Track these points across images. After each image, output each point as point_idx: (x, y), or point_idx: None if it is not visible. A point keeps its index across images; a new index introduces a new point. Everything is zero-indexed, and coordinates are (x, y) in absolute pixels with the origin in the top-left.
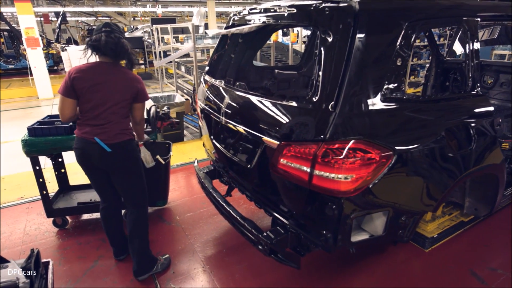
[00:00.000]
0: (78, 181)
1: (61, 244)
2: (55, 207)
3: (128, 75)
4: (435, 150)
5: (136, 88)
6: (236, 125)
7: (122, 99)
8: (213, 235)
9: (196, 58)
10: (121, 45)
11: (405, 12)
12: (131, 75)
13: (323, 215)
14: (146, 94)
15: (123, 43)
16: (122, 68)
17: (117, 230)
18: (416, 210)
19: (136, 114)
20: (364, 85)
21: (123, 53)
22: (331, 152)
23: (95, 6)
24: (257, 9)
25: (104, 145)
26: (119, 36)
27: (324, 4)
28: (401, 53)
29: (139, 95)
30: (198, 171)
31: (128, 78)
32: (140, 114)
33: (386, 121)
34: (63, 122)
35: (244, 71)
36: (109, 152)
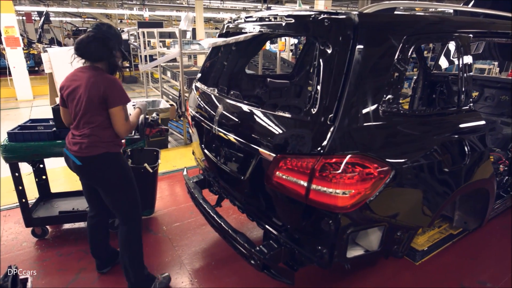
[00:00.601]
0: (61, 188)
1: (40, 255)
2: (34, 216)
3: (96, 77)
4: (432, 165)
5: (102, 90)
6: (229, 135)
7: (91, 107)
8: (202, 246)
9: (182, 64)
10: (94, 45)
11: (403, 25)
12: (98, 77)
13: (319, 230)
14: (118, 97)
15: (97, 43)
16: (94, 71)
17: (102, 242)
18: (412, 225)
19: (113, 122)
20: (364, 98)
21: (98, 54)
22: (329, 167)
23: (80, 7)
24: (253, 17)
25: (73, 157)
26: (94, 35)
27: (323, 16)
28: (399, 66)
29: (108, 98)
30: (188, 181)
31: (94, 81)
32: (117, 122)
33: (384, 135)
34: (46, 127)
35: (237, 79)
36: (80, 165)
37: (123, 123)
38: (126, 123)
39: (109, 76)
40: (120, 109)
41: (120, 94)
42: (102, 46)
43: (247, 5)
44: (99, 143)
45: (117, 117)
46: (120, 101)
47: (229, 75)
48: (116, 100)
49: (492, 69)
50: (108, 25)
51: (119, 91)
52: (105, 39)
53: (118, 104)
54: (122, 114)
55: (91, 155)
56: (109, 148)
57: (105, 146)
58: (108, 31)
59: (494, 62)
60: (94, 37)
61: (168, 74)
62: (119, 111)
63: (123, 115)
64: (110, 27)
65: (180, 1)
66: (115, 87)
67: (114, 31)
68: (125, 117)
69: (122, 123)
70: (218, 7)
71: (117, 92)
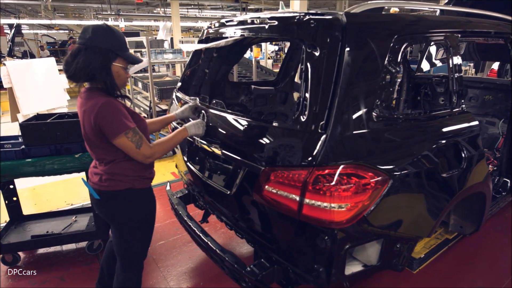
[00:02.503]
0: (34, 209)
1: (11, 285)
2: (4, 242)
3: (85, 105)
4: (431, 171)
5: (93, 122)
6: (213, 147)
7: (94, 143)
8: (189, 266)
9: (151, 74)
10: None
11: (393, 25)
12: (87, 105)
13: (315, 248)
14: (112, 127)
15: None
16: (87, 95)
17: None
18: (411, 236)
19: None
20: (356, 103)
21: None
22: (323, 179)
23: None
24: (234, 21)
25: (92, 190)
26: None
27: (308, 17)
28: (390, 68)
29: (104, 130)
30: (171, 196)
31: (84, 110)
32: (130, 154)
33: (379, 142)
34: (14, 145)
35: (220, 87)
36: (98, 200)
37: (137, 152)
38: (141, 150)
39: (98, 101)
40: (123, 140)
41: (113, 122)
42: (90, 59)
43: (226, 13)
44: (122, 176)
45: (125, 149)
46: (117, 131)
47: (211, 83)
48: (111, 131)
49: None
50: (95, 26)
51: (111, 119)
52: (91, 48)
53: (116, 135)
54: (128, 144)
55: (111, 190)
56: (135, 183)
57: (129, 181)
58: (95, 35)
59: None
60: (79, 50)
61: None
62: (123, 142)
63: (130, 145)
64: (97, 29)
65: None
66: (105, 114)
67: (103, 33)
68: (135, 146)
69: (134, 153)
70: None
71: (109, 120)
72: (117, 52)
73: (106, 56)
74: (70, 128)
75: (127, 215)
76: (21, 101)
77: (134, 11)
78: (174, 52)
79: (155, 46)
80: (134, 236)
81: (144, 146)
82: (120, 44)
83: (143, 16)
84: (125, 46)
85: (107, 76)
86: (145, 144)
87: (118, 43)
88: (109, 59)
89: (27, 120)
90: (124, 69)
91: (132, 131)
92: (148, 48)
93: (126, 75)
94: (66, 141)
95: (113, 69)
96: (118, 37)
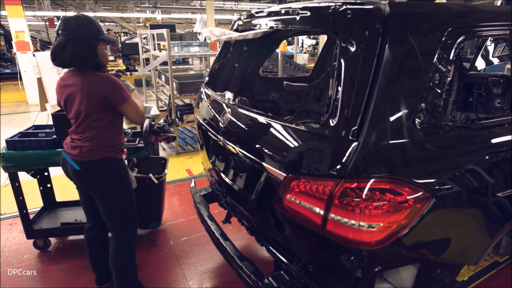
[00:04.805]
0: (70, 196)
1: (40, 269)
2: (36, 228)
3: (91, 80)
4: (482, 190)
5: (102, 92)
6: (235, 147)
7: (91, 110)
8: (210, 266)
9: (171, 67)
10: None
11: (446, 16)
12: (93, 80)
13: (339, 267)
14: (121, 95)
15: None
16: (85, 73)
17: (100, 255)
18: (455, 262)
19: (129, 117)
20: (396, 107)
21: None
22: (352, 192)
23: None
24: (265, 12)
25: (73, 162)
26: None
27: (345, 6)
28: (441, 67)
29: (113, 99)
30: (194, 194)
31: (90, 84)
32: (132, 116)
33: (422, 154)
34: (48, 134)
35: (249, 83)
36: (79, 170)
37: (138, 113)
38: (141, 111)
39: (103, 76)
40: (130, 104)
41: (122, 91)
42: (80, 48)
43: (262, 6)
44: (101, 147)
45: (131, 113)
46: (123, 99)
47: (241, 78)
48: (120, 99)
49: None
50: (75, 18)
51: (119, 89)
52: (78, 38)
53: (123, 101)
54: (134, 107)
55: (91, 160)
56: (111, 153)
57: (107, 151)
58: (78, 26)
59: None
60: (66, 41)
61: (163, 79)
62: (130, 107)
63: (135, 108)
64: (78, 20)
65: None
66: (114, 86)
67: (84, 23)
68: (137, 109)
69: (137, 114)
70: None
71: (118, 90)
72: (98, 37)
73: (91, 42)
74: None
75: (107, 182)
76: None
77: (173, 4)
78: (201, 45)
79: (189, 38)
80: (116, 201)
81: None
82: (99, 29)
83: (180, 9)
84: (101, 30)
85: (96, 58)
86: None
87: (97, 29)
88: (94, 44)
89: (59, 110)
90: (105, 50)
91: (132, 99)
92: (168, 40)
93: (108, 54)
94: None
95: (99, 52)
96: (96, 24)
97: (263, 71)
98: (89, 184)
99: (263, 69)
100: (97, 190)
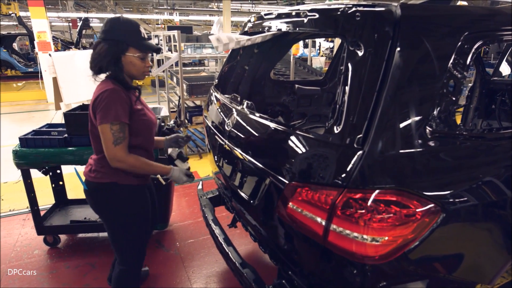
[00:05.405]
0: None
1: (48, 266)
2: (46, 224)
3: (97, 87)
4: (499, 205)
5: (93, 104)
6: (239, 152)
7: (93, 123)
8: (215, 270)
9: (181, 69)
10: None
11: (463, 20)
12: (96, 89)
13: (342, 281)
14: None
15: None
16: (103, 81)
17: None
18: (467, 281)
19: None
20: (404, 114)
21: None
22: (355, 203)
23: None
24: (273, 14)
25: (81, 179)
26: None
27: (355, 8)
28: (456, 73)
29: (96, 112)
30: (201, 197)
31: (94, 91)
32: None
33: (433, 165)
34: (60, 133)
35: (259, 86)
36: (85, 190)
37: (109, 147)
38: (116, 148)
39: (105, 86)
40: (105, 128)
41: (107, 109)
42: (101, 53)
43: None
44: (107, 169)
45: (102, 139)
46: (103, 118)
47: (251, 81)
48: (99, 115)
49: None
50: (112, 19)
51: (105, 105)
52: (105, 42)
53: (101, 122)
54: (108, 135)
55: (96, 182)
56: (118, 178)
57: (113, 175)
58: (110, 28)
59: None
60: (97, 44)
61: (174, 80)
62: (104, 131)
63: (108, 137)
64: (113, 21)
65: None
66: (102, 99)
67: (117, 25)
68: (113, 140)
69: (107, 146)
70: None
71: (102, 105)
72: (127, 42)
73: (117, 47)
74: None
75: (111, 210)
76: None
77: (191, 6)
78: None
79: (205, 40)
80: (120, 231)
81: (122, 147)
82: (132, 34)
83: (199, 11)
84: (138, 35)
85: (115, 67)
86: (124, 145)
87: (129, 34)
88: (121, 50)
89: (72, 110)
90: (140, 59)
91: (120, 126)
92: (178, 42)
93: (143, 64)
94: None
95: (126, 60)
96: (130, 27)
97: (275, 74)
98: (93, 206)
99: (275, 72)
100: (101, 215)
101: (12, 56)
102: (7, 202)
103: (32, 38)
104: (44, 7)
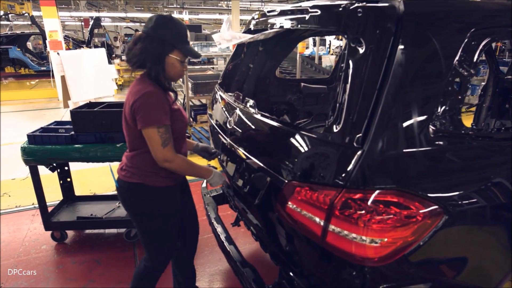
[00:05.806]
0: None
1: (55, 261)
2: (54, 220)
3: (131, 89)
4: (506, 208)
5: (131, 106)
6: (240, 150)
7: (127, 127)
8: (218, 268)
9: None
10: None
11: (469, 16)
12: (133, 90)
13: (341, 282)
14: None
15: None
16: (137, 81)
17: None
18: (471, 285)
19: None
20: (406, 113)
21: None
22: (354, 204)
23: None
24: (276, 11)
25: (113, 176)
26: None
27: (357, 4)
28: (461, 70)
29: (137, 116)
30: (204, 195)
31: (128, 95)
32: (151, 147)
33: (436, 165)
34: (67, 130)
35: (264, 84)
36: (117, 187)
37: (158, 149)
38: (165, 150)
39: (142, 88)
40: (152, 131)
41: (150, 112)
42: (145, 49)
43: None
44: (135, 169)
45: (149, 141)
46: (147, 122)
47: (255, 79)
48: (142, 119)
49: None
50: (158, 16)
51: (149, 108)
52: (148, 38)
53: (146, 125)
54: (156, 137)
55: (126, 181)
56: (146, 179)
57: (140, 176)
58: (156, 25)
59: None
60: (139, 38)
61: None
62: (151, 134)
63: (157, 139)
64: (160, 19)
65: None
66: (143, 103)
67: (164, 24)
68: (161, 142)
69: (156, 149)
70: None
71: (145, 109)
72: (174, 44)
73: (162, 47)
74: (115, 118)
75: (138, 210)
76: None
77: (201, 4)
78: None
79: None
80: (147, 231)
81: (170, 147)
82: (180, 37)
83: (208, 9)
84: (185, 39)
85: (157, 66)
86: (171, 146)
87: (177, 36)
88: (165, 50)
89: (79, 108)
90: (180, 62)
91: (165, 128)
92: None
93: (182, 68)
94: (110, 130)
95: (168, 61)
96: (179, 30)
97: (281, 72)
98: (123, 204)
99: (281, 70)
100: (130, 213)
101: (26, 55)
102: (15, 198)
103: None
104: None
